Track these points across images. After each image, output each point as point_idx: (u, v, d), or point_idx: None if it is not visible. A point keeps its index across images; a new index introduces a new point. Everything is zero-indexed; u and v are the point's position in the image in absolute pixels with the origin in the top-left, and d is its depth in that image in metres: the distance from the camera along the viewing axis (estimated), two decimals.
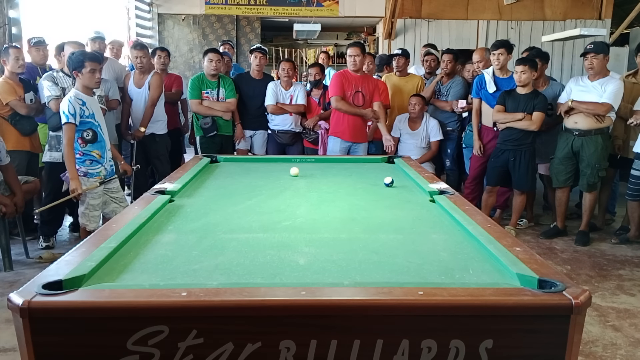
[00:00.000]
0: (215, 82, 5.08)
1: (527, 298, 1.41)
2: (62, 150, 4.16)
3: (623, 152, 4.86)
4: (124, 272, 1.65)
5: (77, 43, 4.40)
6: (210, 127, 5.00)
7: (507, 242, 1.86)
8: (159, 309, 1.36)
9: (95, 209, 3.68)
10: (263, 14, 9.19)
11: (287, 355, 1.37)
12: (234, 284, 1.53)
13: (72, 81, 4.22)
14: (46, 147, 4.40)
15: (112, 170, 3.81)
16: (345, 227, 2.21)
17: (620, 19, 8.68)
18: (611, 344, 2.88)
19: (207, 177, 3.21)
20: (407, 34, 9.05)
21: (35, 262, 4.07)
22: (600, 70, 4.49)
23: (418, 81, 5.64)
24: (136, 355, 1.35)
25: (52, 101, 4.17)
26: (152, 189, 2.68)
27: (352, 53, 4.68)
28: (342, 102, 4.69)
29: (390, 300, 1.40)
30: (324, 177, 3.31)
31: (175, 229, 2.13)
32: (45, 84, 4.26)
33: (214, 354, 1.36)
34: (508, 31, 8.99)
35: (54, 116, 4.17)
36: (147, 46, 5.29)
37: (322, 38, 10.53)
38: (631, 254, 4.43)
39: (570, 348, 1.40)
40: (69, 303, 1.38)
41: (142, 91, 4.95)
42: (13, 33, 5.38)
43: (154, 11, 8.92)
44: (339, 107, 4.70)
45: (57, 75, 4.33)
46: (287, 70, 5.26)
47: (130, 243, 1.89)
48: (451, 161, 5.54)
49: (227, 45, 6.39)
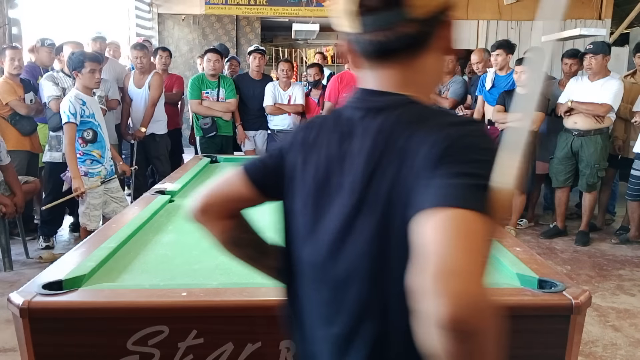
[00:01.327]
0: (215, 82, 5.08)
1: (527, 298, 1.41)
2: (63, 150, 4.16)
3: (623, 152, 4.85)
4: (124, 272, 1.65)
5: (76, 43, 4.40)
6: (210, 127, 5.00)
7: (507, 242, 1.86)
8: (159, 309, 1.36)
9: (96, 208, 3.68)
10: (263, 14, 9.19)
11: (287, 355, 1.37)
12: (234, 284, 1.53)
13: (72, 81, 4.22)
14: (46, 147, 4.40)
15: (112, 170, 3.81)
16: None
17: (620, 19, 8.67)
18: (611, 344, 2.88)
19: (207, 177, 3.21)
20: None
21: (35, 262, 4.07)
22: (600, 71, 4.49)
23: None
24: (136, 355, 1.35)
25: (52, 101, 4.16)
26: (152, 189, 2.68)
27: None
28: (329, 112, 4.72)
29: None
30: None
31: (175, 229, 2.13)
32: (46, 84, 4.26)
33: (214, 354, 1.36)
34: (508, 31, 8.98)
35: (54, 116, 4.17)
36: (148, 46, 5.28)
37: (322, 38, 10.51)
38: (631, 254, 4.43)
39: (570, 348, 1.40)
40: (69, 303, 1.38)
41: (142, 91, 4.95)
42: (13, 33, 5.38)
43: (154, 11, 8.91)
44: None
45: (57, 75, 4.33)
46: (285, 70, 5.26)
47: (130, 243, 1.90)
48: None
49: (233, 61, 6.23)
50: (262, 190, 0.97)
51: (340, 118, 0.92)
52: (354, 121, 0.88)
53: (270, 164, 0.97)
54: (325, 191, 0.88)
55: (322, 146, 0.91)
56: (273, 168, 0.96)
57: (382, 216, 0.80)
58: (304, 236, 0.92)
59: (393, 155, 0.81)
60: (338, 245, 0.85)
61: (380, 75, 0.88)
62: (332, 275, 0.87)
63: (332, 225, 0.86)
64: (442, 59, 0.92)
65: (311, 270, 0.91)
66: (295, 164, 0.93)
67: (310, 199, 0.90)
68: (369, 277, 0.82)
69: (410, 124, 0.82)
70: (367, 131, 0.86)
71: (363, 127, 0.87)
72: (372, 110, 0.87)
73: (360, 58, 0.90)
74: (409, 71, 0.87)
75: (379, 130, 0.84)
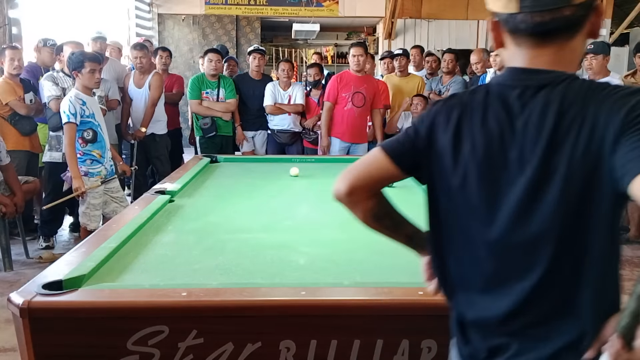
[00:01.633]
0: (215, 83, 5.07)
1: None
2: (62, 150, 4.15)
3: None
4: (124, 272, 1.65)
5: (76, 43, 4.40)
6: (210, 127, 5.00)
7: None
8: (159, 309, 1.37)
9: (96, 208, 3.68)
10: (263, 14, 9.19)
11: (287, 355, 1.37)
12: (234, 284, 1.53)
13: (72, 81, 4.21)
14: (46, 147, 4.40)
15: (112, 170, 3.81)
16: (345, 227, 2.20)
17: (620, 19, 8.67)
18: None
19: (207, 177, 3.21)
20: (407, 34, 9.04)
21: (35, 262, 4.06)
22: (600, 71, 4.49)
23: (418, 81, 5.65)
24: (136, 355, 1.35)
25: (52, 101, 4.16)
26: (152, 189, 2.68)
27: (355, 53, 4.72)
28: (327, 112, 4.82)
29: (390, 300, 1.40)
30: (324, 177, 3.31)
31: (175, 229, 2.13)
32: (46, 84, 4.25)
33: (214, 354, 1.36)
34: None
35: (54, 116, 4.16)
36: (148, 46, 5.28)
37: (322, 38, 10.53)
38: (631, 254, 4.43)
39: None
40: (69, 303, 1.38)
41: (142, 91, 4.95)
42: (13, 33, 5.38)
43: (154, 11, 8.91)
44: (325, 115, 4.84)
45: (57, 75, 4.33)
46: (286, 70, 5.26)
47: (130, 243, 1.90)
48: None
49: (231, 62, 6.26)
50: (404, 168, 1.06)
51: (488, 96, 0.97)
52: (510, 99, 0.95)
53: (410, 144, 1.05)
54: (495, 166, 0.95)
55: (475, 124, 0.97)
56: (415, 147, 1.04)
57: (565, 183, 0.89)
58: (473, 208, 0.99)
59: (570, 125, 0.89)
60: (522, 214, 0.93)
61: (535, 54, 0.95)
62: (515, 240, 0.95)
63: (514, 197, 0.94)
64: (586, 41, 1.00)
65: (483, 237, 0.98)
66: (444, 142, 1.00)
67: (475, 173, 0.97)
68: (557, 239, 0.92)
69: (581, 97, 0.90)
70: (532, 107, 0.93)
71: (523, 104, 0.94)
72: (531, 87, 0.94)
73: (510, 37, 0.98)
74: (562, 51, 0.95)
75: (546, 104, 0.91)
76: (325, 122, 4.83)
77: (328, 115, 4.82)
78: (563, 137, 0.89)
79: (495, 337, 1.00)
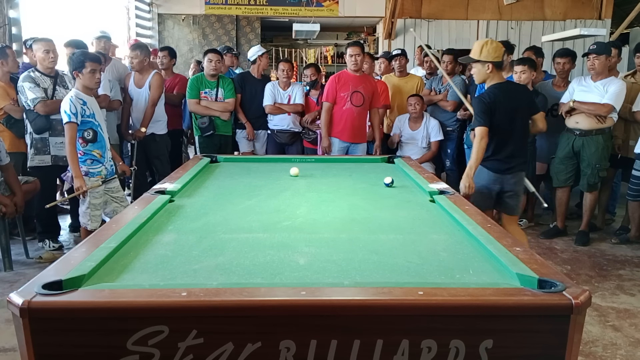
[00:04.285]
0: (214, 83, 5.08)
1: (527, 298, 1.41)
2: (51, 152, 4.16)
3: (623, 152, 4.86)
4: (124, 272, 1.65)
5: (46, 41, 4.15)
6: (207, 126, 5.00)
7: (507, 242, 1.86)
8: (159, 309, 1.36)
9: (97, 208, 3.68)
10: (263, 14, 9.18)
11: (287, 355, 1.37)
12: (234, 284, 1.53)
13: (50, 80, 4.16)
14: (31, 151, 4.18)
15: (112, 170, 3.81)
16: (345, 227, 2.21)
17: (620, 19, 8.67)
18: (611, 344, 2.88)
19: (207, 177, 3.21)
20: (407, 34, 9.04)
21: (35, 262, 4.07)
22: (602, 71, 4.49)
23: (418, 81, 5.65)
24: (136, 355, 1.35)
25: (39, 104, 4.03)
26: (152, 189, 2.68)
27: (352, 52, 4.71)
28: (327, 112, 4.81)
29: (390, 300, 1.40)
30: (324, 177, 3.31)
31: (175, 229, 2.13)
32: (27, 86, 4.06)
33: (214, 354, 1.36)
34: (508, 31, 8.99)
35: (38, 118, 4.06)
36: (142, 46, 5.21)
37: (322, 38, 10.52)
38: (631, 254, 4.44)
39: (570, 348, 1.40)
40: (69, 303, 1.38)
41: (142, 91, 4.94)
42: (13, 33, 5.38)
43: (154, 11, 8.91)
44: (324, 115, 4.83)
45: (35, 75, 4.13)
46: (286, 70, 5.27)
47: (130, 243, 1.89)
48: (451, 161, 5.55)
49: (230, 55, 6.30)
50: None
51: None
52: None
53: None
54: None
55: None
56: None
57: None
58: (506, 123, 3.39)
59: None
60: (516, 125, 3.46)
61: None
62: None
63: (520, 123, 3.47)
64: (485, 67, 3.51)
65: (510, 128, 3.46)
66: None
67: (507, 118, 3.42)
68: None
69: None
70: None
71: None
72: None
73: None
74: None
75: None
76: (325, 122, 4.82)
77: (327, 116, 4.82)
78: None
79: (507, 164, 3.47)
